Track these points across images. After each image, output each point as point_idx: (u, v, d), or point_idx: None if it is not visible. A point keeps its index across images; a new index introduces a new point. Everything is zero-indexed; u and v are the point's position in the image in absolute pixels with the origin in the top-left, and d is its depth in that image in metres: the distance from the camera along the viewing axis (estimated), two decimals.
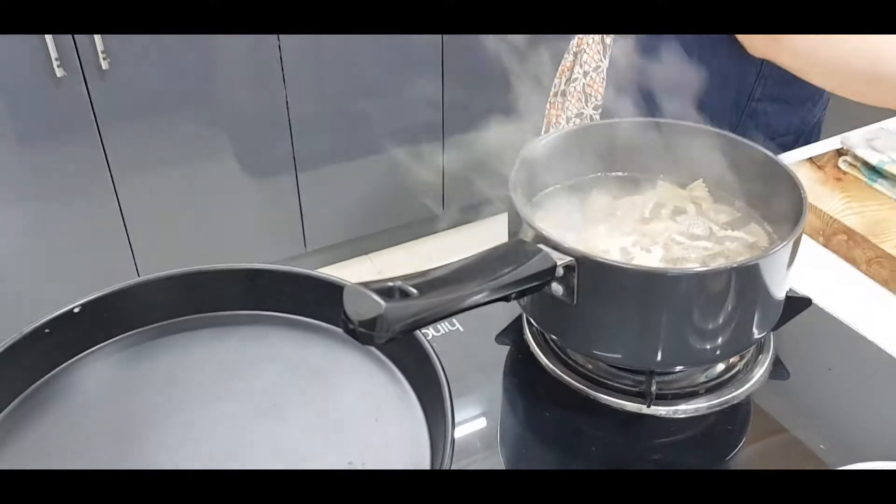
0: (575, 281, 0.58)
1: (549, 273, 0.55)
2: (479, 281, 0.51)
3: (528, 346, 0.71)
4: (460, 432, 0.65)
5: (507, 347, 0.73)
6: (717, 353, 0.62)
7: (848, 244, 0.89)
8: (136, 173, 1.94)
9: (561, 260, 0.57)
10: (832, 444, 0.62)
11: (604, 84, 1.07)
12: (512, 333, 0.74)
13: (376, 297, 0.45)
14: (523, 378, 0.70)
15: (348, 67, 2.06)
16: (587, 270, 0.57)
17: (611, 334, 0.61)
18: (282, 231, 2.20)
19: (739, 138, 0.70)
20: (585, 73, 1.09)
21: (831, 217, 0.91)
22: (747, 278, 0.58)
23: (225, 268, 0.66)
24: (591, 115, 1.09)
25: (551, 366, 0.69)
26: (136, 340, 0.64)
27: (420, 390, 0.59)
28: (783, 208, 0.67)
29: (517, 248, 0.56)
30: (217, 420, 0.58)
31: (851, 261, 0.89)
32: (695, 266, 0.65)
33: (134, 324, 0.65)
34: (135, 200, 1.97)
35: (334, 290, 0.64)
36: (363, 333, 0.45)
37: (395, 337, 0.46)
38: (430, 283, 0.49)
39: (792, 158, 1.02)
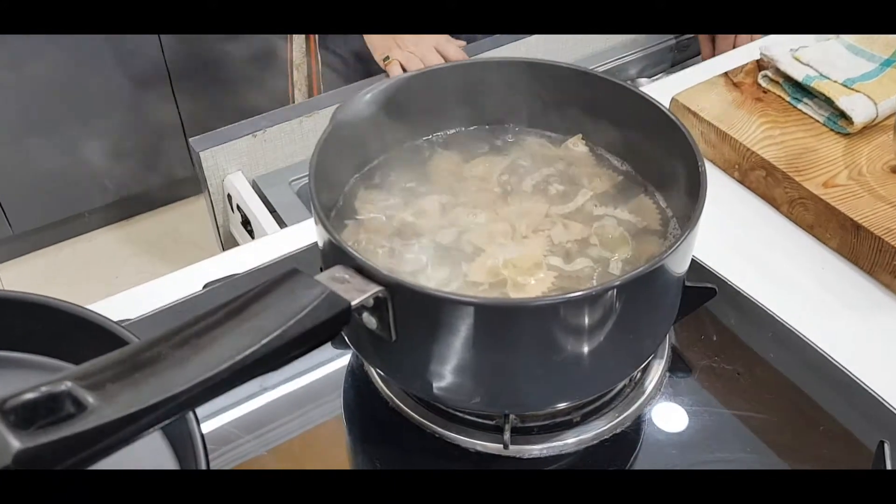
0: (390, 314, 0.41)
1: (340, 320, 0.38)
2: (221, 353, 0.33)
3: (362, 364, 0.55)
4: None
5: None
6: (596, 385, 0.47)
7: (767, 181, 0.75)
8: None
9: (364, 293, 0.40)
10: None
11: None
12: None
13: (8, 435, 0.27)
14: (360, 408, 0.54)
15: None
16: (403, 301, 0.41)
17: (445, 374, 0.45)
18: None
19: (626, 84, 0.53)
20: None
21: (748, 149, 0.75)
22: (630, 293, 0.43)
23: None
24: None
25: (390, 393, 0.53)
26: None
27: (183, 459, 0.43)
28: (678, 173, 0.51)
29: (291, 286, 0.38)
30: None
31: (772, 201, 0.75)
32: (549, 293, 0.47)
33: None
34: None
35: (59, 317, 0.46)
36: None
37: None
38: (129, 372, 0.31)
39: (706, 73, 0.86)
